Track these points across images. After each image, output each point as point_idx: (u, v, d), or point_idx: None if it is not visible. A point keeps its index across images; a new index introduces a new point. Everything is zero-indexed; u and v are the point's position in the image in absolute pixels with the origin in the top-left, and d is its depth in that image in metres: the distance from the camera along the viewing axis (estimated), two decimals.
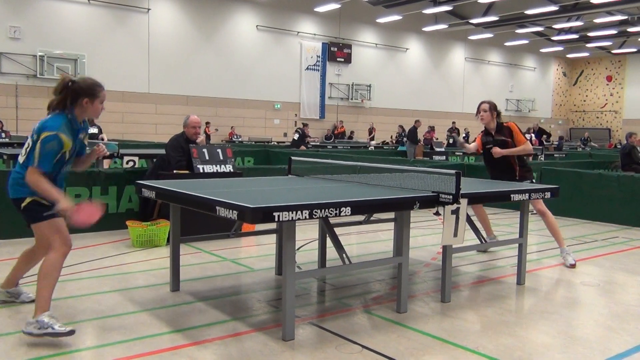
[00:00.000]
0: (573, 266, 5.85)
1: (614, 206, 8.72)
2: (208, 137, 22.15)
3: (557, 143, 27.72)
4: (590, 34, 32.04)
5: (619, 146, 28.34)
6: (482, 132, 6.36)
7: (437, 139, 22.43)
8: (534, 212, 6.03)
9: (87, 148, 4.05)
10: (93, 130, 12.31)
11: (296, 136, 18.96)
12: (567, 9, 26.18)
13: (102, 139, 12.52)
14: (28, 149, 3.66)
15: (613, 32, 30.90)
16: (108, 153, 4.50)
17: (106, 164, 9.60)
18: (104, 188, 7.20)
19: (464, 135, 24.92)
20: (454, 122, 26.42)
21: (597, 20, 29.12)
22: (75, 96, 3.69)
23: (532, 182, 6.13)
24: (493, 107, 6.17)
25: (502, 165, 6.13)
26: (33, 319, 3.54)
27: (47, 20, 20.54)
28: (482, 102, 6.24)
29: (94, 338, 3.67)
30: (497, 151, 6.05)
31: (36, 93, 20.39)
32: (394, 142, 23.47)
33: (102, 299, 4.47)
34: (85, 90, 3.72)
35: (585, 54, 38.39)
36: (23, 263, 4.15)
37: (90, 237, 6.80)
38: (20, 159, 3.73)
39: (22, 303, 4.24)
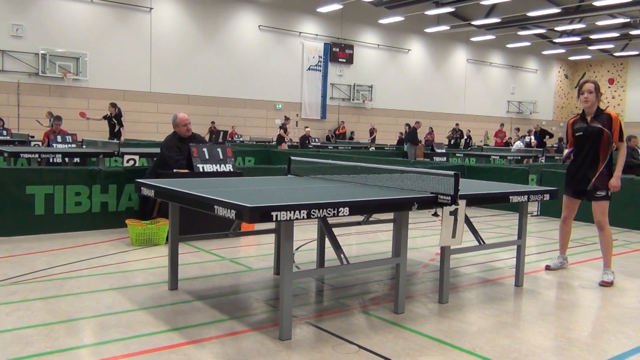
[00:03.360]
0: (608, 284, 5.27)
1: (613, 209, 8.65)
2: (213, 134, 22.18)
3: (557, 145, 27.71)
4: (593, 37, 32.05)
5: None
6: (575, 116, 5.63)
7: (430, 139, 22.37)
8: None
9: None
10: None
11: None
12: (570, 12, 26.21)
13: None
14: None
15: (615, 34, 30.93)
16: None
17: None
18: (104, 186, 7.21)
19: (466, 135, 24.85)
20: (457, 124, 26.39)
21: (600, 23, 29.16)
22: None
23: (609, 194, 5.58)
24: (597, 88, 5.33)
25: (587, 163, 5.53)
26: None
27: (50, 18, 20.58)
28: (586, 82, 5.39)
29: (92, 336, 3.68)
30: (614, 185, 5.51)
31: (38, 91, 20.45)
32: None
33: (101, 296, 4.48)
34: None
35: (588, 57, 38.41)
36: None
37: (89, 235, 6.83)
38: None
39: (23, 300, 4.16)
